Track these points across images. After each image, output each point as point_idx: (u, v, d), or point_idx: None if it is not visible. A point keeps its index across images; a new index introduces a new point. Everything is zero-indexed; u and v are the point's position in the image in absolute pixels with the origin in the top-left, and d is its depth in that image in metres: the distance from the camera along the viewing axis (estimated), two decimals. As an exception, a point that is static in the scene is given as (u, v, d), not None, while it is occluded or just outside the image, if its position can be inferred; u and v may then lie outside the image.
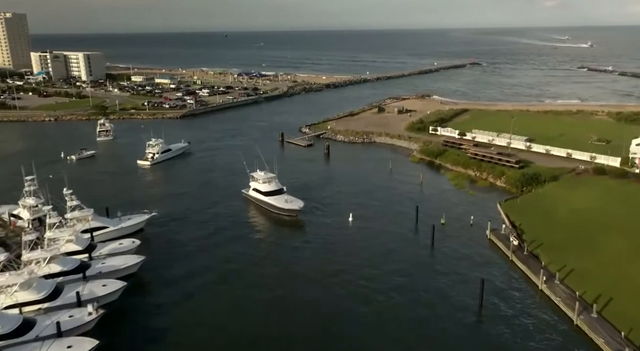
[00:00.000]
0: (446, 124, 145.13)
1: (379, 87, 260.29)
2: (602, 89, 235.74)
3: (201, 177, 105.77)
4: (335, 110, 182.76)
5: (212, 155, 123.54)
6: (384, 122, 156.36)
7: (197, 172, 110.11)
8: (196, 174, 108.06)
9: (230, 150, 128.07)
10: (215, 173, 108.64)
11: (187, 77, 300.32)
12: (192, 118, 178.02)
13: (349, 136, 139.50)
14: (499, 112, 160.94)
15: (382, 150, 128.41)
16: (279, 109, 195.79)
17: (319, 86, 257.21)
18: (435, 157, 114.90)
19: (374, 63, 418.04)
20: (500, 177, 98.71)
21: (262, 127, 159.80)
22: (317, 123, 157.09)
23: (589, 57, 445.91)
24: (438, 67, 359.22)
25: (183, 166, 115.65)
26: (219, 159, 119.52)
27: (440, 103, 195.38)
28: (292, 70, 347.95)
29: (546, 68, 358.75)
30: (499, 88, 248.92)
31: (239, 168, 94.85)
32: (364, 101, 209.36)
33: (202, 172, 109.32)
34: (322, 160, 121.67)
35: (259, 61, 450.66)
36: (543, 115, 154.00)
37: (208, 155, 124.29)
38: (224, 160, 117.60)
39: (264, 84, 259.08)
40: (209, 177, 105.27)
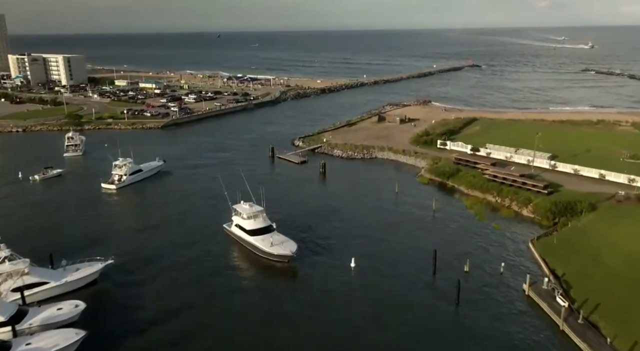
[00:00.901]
0: (455, 136, 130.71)
1: (376, 92, 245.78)
2: (615, 95, 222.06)
3: (175, 205, 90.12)
4: (332, 119, 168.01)
5: (191, 176, 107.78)
6: (386, 133, 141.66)
7: (171, 198, 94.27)
8: (170, 202, 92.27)
9: (213, 168, 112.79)
10: (192, 200, 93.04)
11: (175, 81, 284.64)
12: (175, 129, 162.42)
13: (347, 151, 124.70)
14: (510, 123, 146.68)
15: (385, 168, 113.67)
16: (270, 117, 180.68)
17: (313, 91, 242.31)
18: (447, 178, 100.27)
19: (370, 65, 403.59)
20: (526, 205, 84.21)
21: (250, 139, 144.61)
22: (311, 135, 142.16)
23: (591, 58, 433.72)
24: (437, 70, 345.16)
25: (155, 191, 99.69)
26: (199, 181, 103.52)
27: (444, 111, 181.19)
28: (286, 73, 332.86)
29: (548, 70, 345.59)
30: (503, 93, 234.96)
31: (222, 194, 79.59)
32: (362, 108, 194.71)
33: (177, 199, 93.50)
34: (318, 181, 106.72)
35: (252, 63, 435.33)
36: (560, 125, 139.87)
37: (187, 175, 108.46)
38: (204, 183, 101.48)
39: (254, 89, 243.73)
40: (185, 206, 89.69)
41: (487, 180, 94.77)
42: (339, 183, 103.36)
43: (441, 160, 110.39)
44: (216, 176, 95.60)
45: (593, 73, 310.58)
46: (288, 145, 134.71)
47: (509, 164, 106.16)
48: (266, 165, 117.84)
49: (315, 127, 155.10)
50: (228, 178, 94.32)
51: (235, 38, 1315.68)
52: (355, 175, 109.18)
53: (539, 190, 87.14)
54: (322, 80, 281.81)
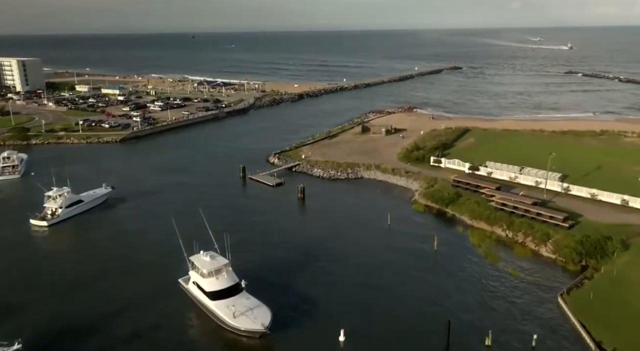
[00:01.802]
0: (448, 151, 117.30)
1: (357, 97, 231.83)
2: (607, 100, 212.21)
3: (121, 247, 73.52)
4: (310, 130, 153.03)
5: (144, 206, 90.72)
6: (371, 147, 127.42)
7: (115, 238, 77.33)
8: (114, 243, 75.48)
9: (172, 195, 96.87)
10: (143, 240, 76.61)
11: (142, 86, 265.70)
12: (135, 143, 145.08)
13: (328, 170, 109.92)
14: (507, 134, 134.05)
15: (374, 191, 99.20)
16: (243, 128, 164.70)
17: (290, 96, 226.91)
18: (447, 205, 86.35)
19: (348, 68, 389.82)
20: (544, 242, 70.76)
21: (220, 154, 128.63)
22: (288, 151, 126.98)
23: (572, 60, 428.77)
24: (419, 72, 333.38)
25: (97, 228, 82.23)
26: (154, 214, 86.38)
27: (431, 119, 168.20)
28: (261, 77, 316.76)
29: (531, 73, 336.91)
30: (489, 98, 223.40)
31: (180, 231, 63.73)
32: (343, 116, 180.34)
33: (123, 239, 76.54)
34: (296, 210, 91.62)
35: (227, 65, 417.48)
36: (562, 137, 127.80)
37: (139, 206, 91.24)
38: (159, 217, 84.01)
39: (227, 95, 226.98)
40: (132, 248, 73.43)
41: (494, 208, 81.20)
42: (321, 213, 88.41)
43: (437, 182, 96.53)
44: (177, 208, 79.76)
45: (580, 75, 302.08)
46: (262, 163, 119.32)
47: (514, 186, 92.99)
48: (236, 189, 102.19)
49: (293, 140, 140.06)
50: (188, 210, 78.76)
51: (211, 39, 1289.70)
52: (340, 201, 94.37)
53: (558, 223, 73.80)
54: (300, 85, 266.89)
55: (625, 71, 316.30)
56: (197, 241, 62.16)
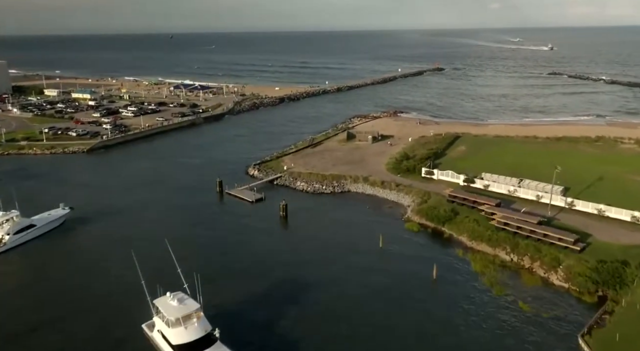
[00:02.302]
0: (439, 161, 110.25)
1: (341, 100, 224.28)
2: (594, 102, 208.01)
3: (76, 283, 64.20)
4: (292, 137, 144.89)
5: (106, 230, 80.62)
6: (358, 156, 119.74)
7: (70, 270, 67.82)
8: (70, 275, 66.14)
9: (139, 216, 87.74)
10: (103, 272, 66.92)
11: (115, 89, 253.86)
12: (104, 153, 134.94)
13: (313, 183, 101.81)
14: (499, 141, 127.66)
15: (362, 206, 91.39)
16: (221, 135, 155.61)
17: (271, 100, 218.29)
18: (443, 224, 79.06)
19: (330, 69, 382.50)
20: (555, 268, 63.80)
21: (195, 165, 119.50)
22: (269, 161, 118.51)
23: (553, 61, 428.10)
24: (402, 74, 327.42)
25: (49, 258, 71.96)
26: (116, 239, 76.51)
27: (418, 124, 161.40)
28: (241, 79, 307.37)
29: (514, 74, 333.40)
30: (475, 101, 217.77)
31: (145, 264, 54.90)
32: (327, 121, 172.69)
33: (79, 272, 67.27)
34: (278, 230, 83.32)
35: (206, 67, 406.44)
36: (557, 144, 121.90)
37: (100, 230, 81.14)
38: (122, 243, 73.91)
39: (205, 99, 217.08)
40: (90, 283, 63.94)
41: (496, 228, 74.13)
42: (305, 233, 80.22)
43: (430, 197, 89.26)
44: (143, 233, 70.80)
45: (565, 77, 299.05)
46: (241, 174, 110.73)
47: (513, 201, 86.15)
48: (212, 207, 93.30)
49: (274, 148, 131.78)
50: (155, 236, 69.87)
51: (191, 39, 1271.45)
52: (326, 219, 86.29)
53: (568, 246, 66.91)
54: (281, 87, 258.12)
55: (606, 72, 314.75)
56: (163, 277, 53.56)
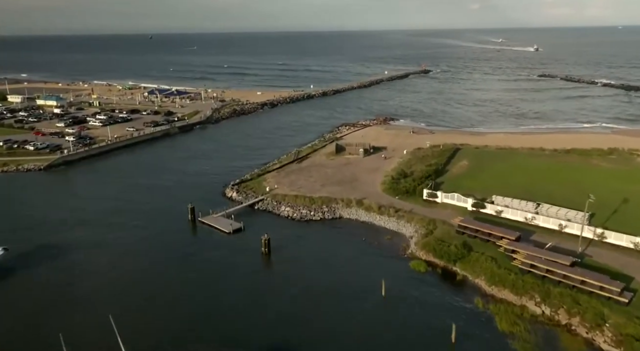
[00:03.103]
0: (441, 179, 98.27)
1: (327, 106, 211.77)
2: (591, 108, 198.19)
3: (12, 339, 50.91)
4: (275, 150, 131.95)
5: (47, 279, 66.30)
6: (349, 173, 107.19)
7: (6, 325, 54.74)
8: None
9: (90, 258, 73.99)
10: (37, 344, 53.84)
11: (85, 95, 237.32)
12: (64, 170, 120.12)
13: (299, 207, 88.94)
14: (503, 154, 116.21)
15: (357, 237, 78.75)
16: (197, 147, 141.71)
17: (253, 106, 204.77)
18: (454, 262, 66.95)
19: (314, 71, 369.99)
20: (600, 327, 51.99)
21: (165, 186, 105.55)
22: (249, 180, 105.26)
23: (540, 62, 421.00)
24: (389, 76, 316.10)
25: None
26: (58, 293, 62.97)
27: (411, 133, 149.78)
28: (223, 82, 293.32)
29: (504, 76, 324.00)
30: (469, 106, 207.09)
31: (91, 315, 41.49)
32: (313, 130, 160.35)
33: (14, 333, 54.07)
34: (259, 271, 70.16)
35: (185, 70, 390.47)
36: (566, 156, 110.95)
37: (40, 278, 66.70)
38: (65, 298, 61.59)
39: (181, 106, 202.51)
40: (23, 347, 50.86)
41: (520, 269, 62.21)
42: (292, 277, 67.14)
43: (436, 226, 77.18)
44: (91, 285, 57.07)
45: (556, 79, 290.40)
46: (217, 197, 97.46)
47: (531, 230, 74.52)
48: (181, 241, 79.57)
49: (255, 163, 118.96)
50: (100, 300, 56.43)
51: (172, 40, 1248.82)
52: (315, 255, 73.43)
53: (613, 297, 55.18)
54: (263, 92, 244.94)
55: (593, 74, 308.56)
56: None
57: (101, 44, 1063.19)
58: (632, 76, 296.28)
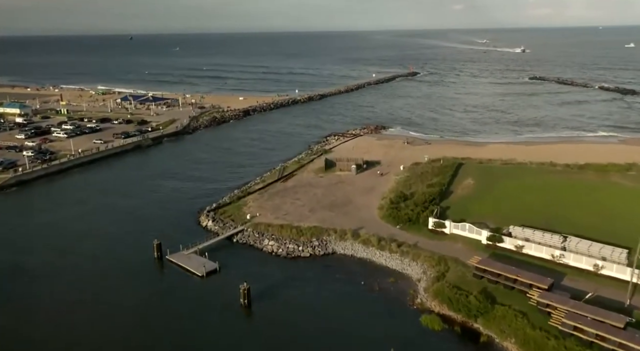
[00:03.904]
0: (446, 202, 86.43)
1: (313, 113, 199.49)
2: (590, 114, 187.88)
3: None
4: (258, 166, 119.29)
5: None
6: (341, 195, 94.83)
7: None
8: None
9: (26, 315, 60.55)
10: None
11: (54, 101, 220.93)
12: (17, 192, 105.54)
13: (285, 241, 76.36)
14: (510, 169, 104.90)
15: (354, 280, 66.37)
16: (171, 162, 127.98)
17: (234, 114, 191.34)
18: (475, 318, 55.05)
19: (299, 74, 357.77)
20: None
21: (130, 212, 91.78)
22: (228, 204, 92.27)
23: (528, 64, 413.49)
24: (376, 79, 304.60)
25: None
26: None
27: (406, 143, 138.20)
28: (203, 86, 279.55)
29: (495, 79, 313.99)
30: (462, 112, 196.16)
31: None
32: (299, 140, 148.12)
33: None
34: (237, 330, 57.38)
35: (165, 73, 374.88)
36: (580, 173, 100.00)
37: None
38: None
39: (156, 114, 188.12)
40: None
41: (559, 330, 50.55)
42: (276, 336, 54.67)
43: (447, 265, 65.28)
44: None
45: (548, 83, 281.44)
46: (190, 226, 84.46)
47: (561, 271, 63.04)
48: (143, 284, 66.37)
49: (235, 182, 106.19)
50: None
51: (154, 41, 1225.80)
52: (306, 306, 60.79)
53: (684, 374, 43.79)
54: (246, 97, 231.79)
55: (583, 76, 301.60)
56: None
57: (79, 44, 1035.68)
58: (622, 78, 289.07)
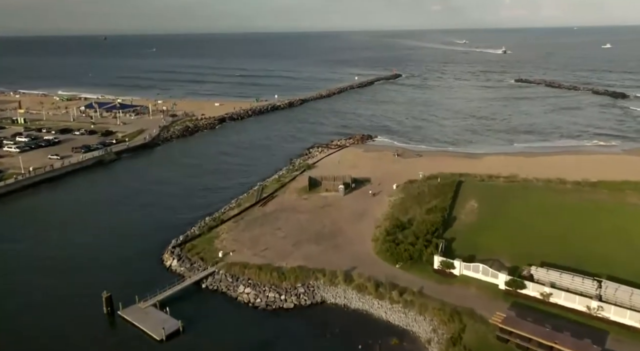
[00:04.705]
0: (450, 233, 74.96)
1: (294, 119, 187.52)
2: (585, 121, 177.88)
3: None
4: (233, 188, 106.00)
5: None
6: (329, 222, 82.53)
7: None
8: None
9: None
10: None
11: (12, 109, 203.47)
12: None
13: (264, 286, 63.64)
14: (516, 188, 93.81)
15: (349, 341, 54.17)
16: (135, 182, 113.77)
17: (209, 122, 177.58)
18: (507, 402, 43.43)
19: (278, 78, 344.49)
20: None
21: (79, 249, 77.99)
22: (197, 236, 79.14)
23: (511, 66, 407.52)
24: (359, 83, 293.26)
25: None
26: None
27: (396, 156, 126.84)
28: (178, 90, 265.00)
29: (479, 82, 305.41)
30: (451, 119, 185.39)
31: None
32: (279, 154, 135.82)
33: None
34: None
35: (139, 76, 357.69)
36: (593, 192, 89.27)
37: None
38: None
39: (124, 123, 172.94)
40: None
41: None
42: None
43: (463, 323, 53.55)
44: None
45: (535, 85, 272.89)
46: (151, 266, 71.24)
47: (600, 327, 51.97)
48: None
49: (206, 207, 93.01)
50: None
51: (128, 42, 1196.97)
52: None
53: None
54: (222, 103, 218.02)
55: (569, 79, 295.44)
56: None
57: (50, 45, 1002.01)
58: (608, 81, 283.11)
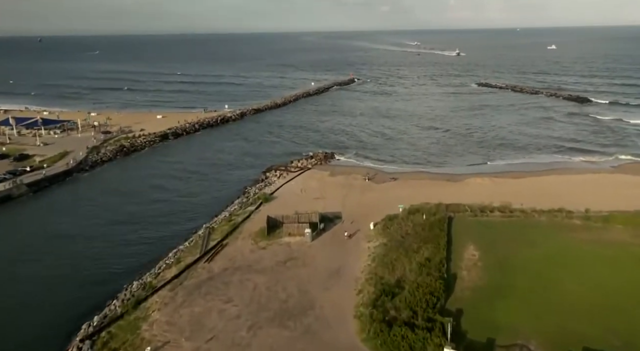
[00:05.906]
0: (454, 303, 58.55)
1: (248, 134, 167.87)
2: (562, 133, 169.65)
3: None
4: (171, 233, 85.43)
5: None
6: (294, 290, 63.91)
7: None
8: None
9: None
10: None
11: None
12: None
13: (213, 409, 44.82)
14: (516, 226, 78.71)
15: None
16: (49, 226, 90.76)
17: (148, 139, 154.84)
18: None
19: (224, 84, 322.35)
20: None
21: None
22: (118, 317, 58.70)
23: (468, 68, 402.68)
24: (316, 89, 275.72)
25: None
26: None
27: (367, 180, 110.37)
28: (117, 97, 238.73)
29: (438, 88, 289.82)
30: (418, 130, 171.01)
31: None
32: (231, 180, 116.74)
33: None
34: None
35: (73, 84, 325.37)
36: (606, 230, 75.13)
37: None
38: None
39: (44, 143, 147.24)
40: None
41: None
42: None
43: None
44: None
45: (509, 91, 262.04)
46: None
47: None
48: None
49: (134, 263, 72.53)
50: None
51: (67, 43, 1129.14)
52: None
53: None
54: (165, 114, 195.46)
55: (528, 84, 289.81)
56: None
57: None
58: (568, 85, 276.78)
